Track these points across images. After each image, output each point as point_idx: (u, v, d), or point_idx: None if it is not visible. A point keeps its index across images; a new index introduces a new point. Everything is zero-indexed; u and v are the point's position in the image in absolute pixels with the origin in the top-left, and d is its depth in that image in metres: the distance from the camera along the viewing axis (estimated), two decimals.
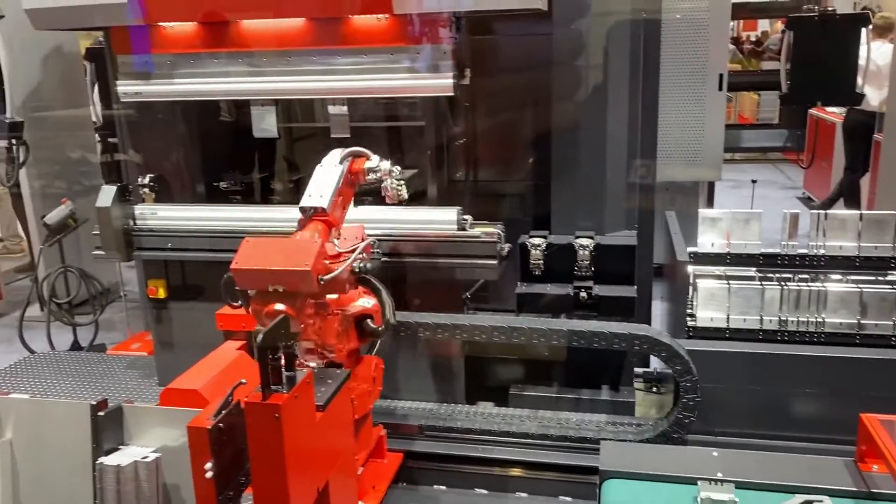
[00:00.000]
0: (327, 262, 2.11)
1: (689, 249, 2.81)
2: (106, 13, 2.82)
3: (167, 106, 3.22)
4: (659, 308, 3.46)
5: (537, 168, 3.18)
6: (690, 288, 2.69)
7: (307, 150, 3.66)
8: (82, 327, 4.50)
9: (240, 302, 2.27)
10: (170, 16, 2.87)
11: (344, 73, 2.85)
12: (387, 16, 2.73)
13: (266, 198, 3.55)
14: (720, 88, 3.90)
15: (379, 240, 2.89)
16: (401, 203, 2.55)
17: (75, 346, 4.43)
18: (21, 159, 3.85)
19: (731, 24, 8.32)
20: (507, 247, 2.84)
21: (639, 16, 2.94)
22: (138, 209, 3.13)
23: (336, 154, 2.42)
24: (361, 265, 2.18)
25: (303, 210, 2.29)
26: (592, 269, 2.85)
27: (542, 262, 2.88)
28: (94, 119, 5.00)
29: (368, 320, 2.27)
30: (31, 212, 5.16)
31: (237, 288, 2.17)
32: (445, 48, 2.75)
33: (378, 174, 2.46)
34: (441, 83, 2.78)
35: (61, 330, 4.49)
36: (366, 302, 2.28)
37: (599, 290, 2.83)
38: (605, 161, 2.98)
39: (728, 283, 2.60)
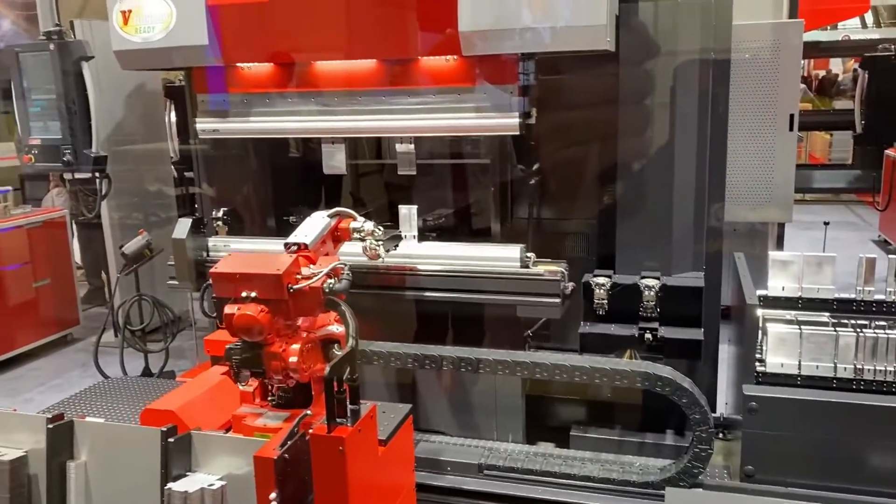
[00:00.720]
0: (299, 276, 2.16)
1: (759, 292, 2.74)
2: (187, 55, 2.97)
3: (240, 142, 3.35)
4: (726, 351, 3.37)
5: (602, 206, 3.16)
6: (760, 332, 2.62)
7: (372, 185, 3.74)
8: (153, 354, 4.64)
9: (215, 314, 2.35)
10: (246, 57, 3.00)
11: (412, 112, 2.92)
12: (455, 57, 2.79)
13: None
14: (791, 129, 3.83)
15: (442, 275, 2.93)
16: (379, 258, 2.75)
17: (146, 373, 4.57)
18: (103, 192, 4.02)
19: (802, 62, 8.17)
20: (570, 285, 2.83)
21: (708, 55, 2.93)
22: (211, 241, 3.24)
23: (326, 211, 2.63)
24: (331, 283, 2.21)
25: (286, 246, 2.37)
26: (658, 310, 2.81)
27: (606, 301, 2.85)
28: (171, 153, 5.21)
29: (335, 346, 2.27)
30: (109, 241, 5.39)
31: (214, 298, 2.24)
32: (512, 88, 2.79)
33: (361, 234, 2.65)
34: (507, 122, 2.81)
35: (133, 356, 4.63)
36: (335, 328, 2.30)
37: (665, 332, 2.79)
38: (671, 201, 2.95)
39: (800, 329, 2.52)
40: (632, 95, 2.93)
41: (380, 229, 2.71)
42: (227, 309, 2.12)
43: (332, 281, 2.20)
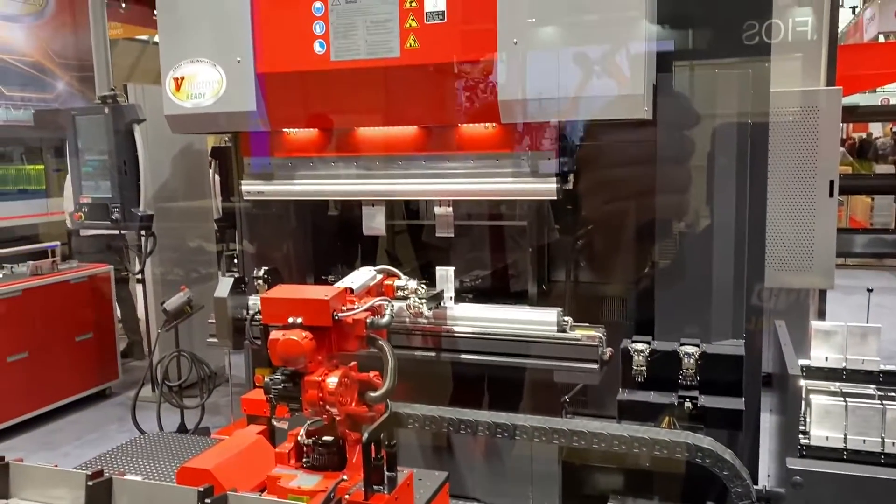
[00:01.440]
0: (344, 308, 2.23)
1: (802, 363, 2.69)
2: (235, 120, 3.07)
3: (282, 201, 3.43)
4: (768, 421, 3.29)
5: (640, 271, 3.15)
6: (803, 403, 2.56)
7: (409, 244, 3.78)
8: (189, 410, 4.67)
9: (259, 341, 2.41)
10: (291, 123, 3.09)
11: (450, 176, 2.98)
12: (493, 124, 2.85)
13: None
14: (831, 195, 3.80)
15: (478, 338, 2.93)
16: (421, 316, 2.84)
17: (182, 429, 4.60)
18: (148, 249, 4.13)
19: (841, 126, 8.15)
20: (608, 351, 2.81)
21: (746, 121, 2.95)
22: (252, 300, 3.29)
23: (372, 267, 2.72)
24: (374, 320, 2.24)
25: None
26: (698, 378, 2.76)
27: (644, 368, 2.81)
28: (214, 211, 5.36)
29: (370, 391, 2.28)
30: (151, 297, 5.50)
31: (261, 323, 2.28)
32: (549, 154, 2.84)
33: (405, 292, 2.75)
34: (545, 188, 2.85)
35: (169, 411, 4.67)
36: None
37: (705, 400, 2.73)
38: (711, 266, 2.93)
39: (845, 401, 2.46)
40: (670, 160, 2.95)
41: (422, 288, 2.77)
42: (273, 335, 2.16)
43: (376, 317, 2.24)
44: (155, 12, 3.16)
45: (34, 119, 10.76)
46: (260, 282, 3.38)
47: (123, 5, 16.40)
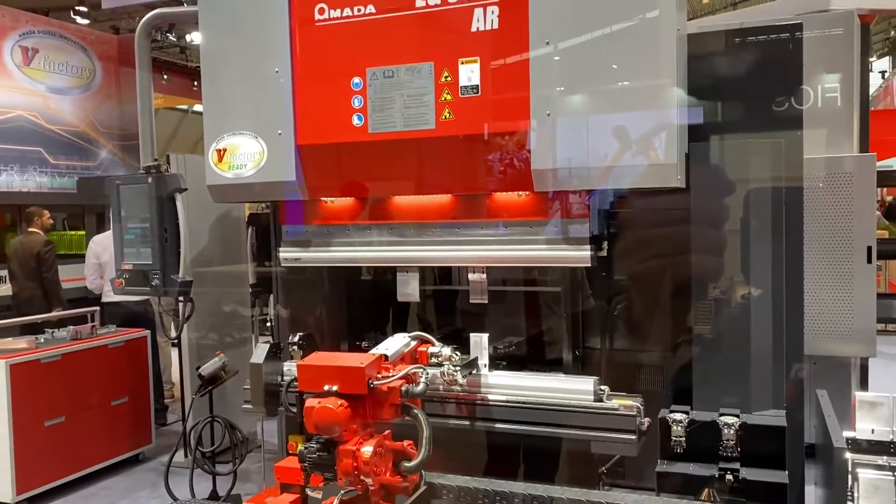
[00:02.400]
0: (379, 376, 2.25)
1: (846, 435, 2.62)
2: (274, 189, 3.16)
3: (316, 267, 3.48)
4: (812, 494, 3.18)
5: (677, 338, 3.12)
6: (850, 477, 2.48)
7: (442, 310, 3.79)
8: (222, 476, 4.65)
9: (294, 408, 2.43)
10: (329, 192, 3.17)
11: (484, 243, 3.01)
12: (527, 192, 2.89)
13: None
14: (869, 261, 3.76)
15: (513, 407, 2.91)
16: (455, 383, 2.83)
17: (213, 496, 4.58)
18: (186, 314, 4.19)
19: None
20: (646, 421, 2.76)
21: (780, 188, 2.95)
22: (287, 366, 3.31)
23: (406, 334, 2.76)
24: (409, 388, 2.23)
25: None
26: (739, 449, 2.70)
27: (683, 439, 2.76)
28: (249, 276, 5.43)
29: (405, 461, 2.25)
30: (186, 361, 5.55)
31: (296, 390, 2.39)
32: (583, 221, 2.86)
33: (439, 359, 2.77)
34: (578, 255, 2.86)
35: (201, 477, 4.66)
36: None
37: (747, 473, 2.66)
38: (749, 334, 2.90)
39: (894, 476, 2.38)
40: (704, 227, 2.95)
41: (457, 355, 2.78)
42: (308, 402, 2.17)
43: (410, 385, 2.25)
44: (195, 83, 3.29)
45: (77, 186, 11.14)
46: (295, 348, 3.40)
47: (165, 77, 17.07)
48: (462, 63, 2.79)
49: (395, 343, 2.62)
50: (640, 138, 2.65)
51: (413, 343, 2.70)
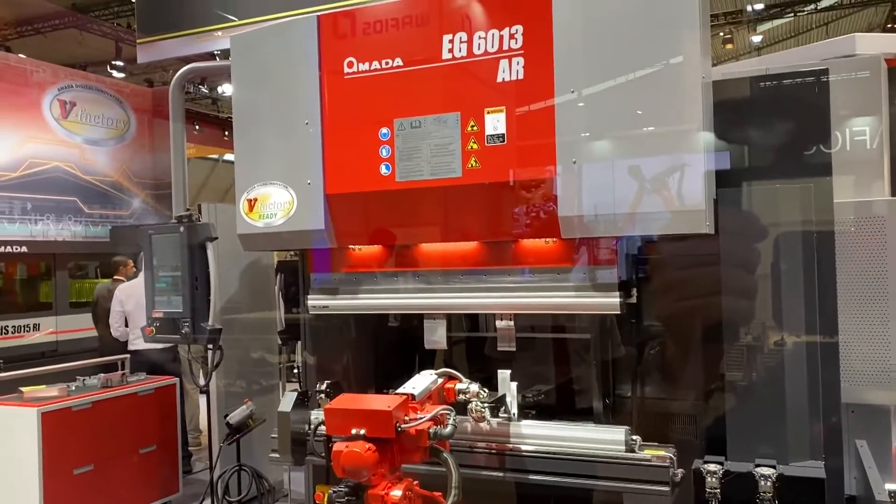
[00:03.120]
0: (407, 418, 2.23)
1: (888, 487, 2.54)
2: (304, 238, 3.20)
3: (344, 316, 3.49)
4: None
5: (709, 386, 3.06)
6: None
7: (470, 358, 3.77)
8: None
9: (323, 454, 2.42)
10: (357, 240, 3.20)
11: (512, 290, 3.00)
12: (554, 239, 2.89)
13: None
14: None
15: (542, 457, 2.86)
16: (483, 420, 2.78)
17: None
18: (215, 362, 4.22)
19: None
20: (679, 472, 2.70)
21: (810, 230, 2.92)
22: (314, 414, 3.30)
23: (433, 371, 2.76)
24: (437, 430, 2.20)
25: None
26: (776, 502, 2.62)
27: (718, 490, 2.69)
28: (278, 323, 5.46)
29: None
30: (214, 409, 5.56)
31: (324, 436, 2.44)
32: (611, 268, 2.84)
33: (466, 395, 2.76)
34: (607, 302, 2.84)
35: None
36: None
37: None
38: (783, 381, 2.84)
39: None
40: (735, 273, 2.92)
41: (485, 391, 2.76)
42: (336, 447, 2.16)
43: (438, 427, 2.22)
44: (225, 133, 3.37)
45: (110, 235, 11.37)
46: (322, 396, 3.39)
47: (197, 127, 17.47)
48: (488, 112, 2.83)
49: (422, 381, 2.60)
50: (668, 184, 2.65)
51: (440, 380, 2.67)
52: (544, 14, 2.75)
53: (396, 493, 2.12)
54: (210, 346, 4.15)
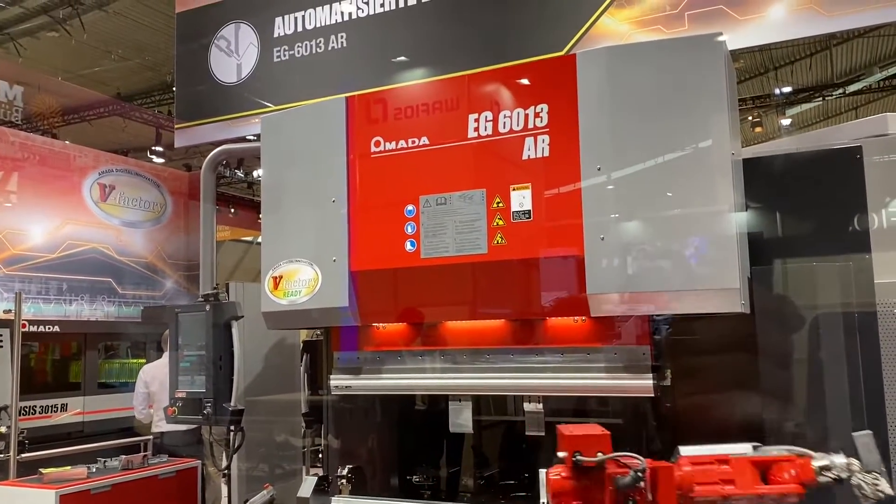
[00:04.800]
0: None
1: None
2: (328, 316, 3.15)
3: (368, 396, 3.40)
4: None
5: None
6: None
7: (496, 442, 3.63)
8: None
9: None
10: (381, 318, 3.14)
11: (541, 370, 2.90)
12: (583, 318, 2.81)
13: (456, 493, 3.49)
14: None
15: None
16: (880, 494, 2.16)
17: None
18: (236, 444, 4.12)
19: None
20: None
21: (851, 311, 2.81)
22: (334, 500, 3.18)
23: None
24: (619, 478, 2.10)
25: None
26: None
27: None
28: (302, 405, 5.36)
29: None
30: (235, 494, 5.41)
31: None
32: (644, 349, 2.75)
33: (837, 471, 2.20)
34: (640, 384, 2.73)
35: None
36: None
37: None
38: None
39: None
40: (772, 356, 2.81)
41: (852, 460, 2.27)
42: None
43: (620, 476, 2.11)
44: (259, 216, 3.39)
45: (141, 315, 11.46)
46: (343, 481, 3.28)
47: (233, 210, 17.84)
48: (514, 189, 2.81)
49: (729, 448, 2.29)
50: (700, 262, 2.58)
51: (772, 452, 2.25)
52: (570, 93, 2.76)
53: None
54: (232, 427, 4.06)
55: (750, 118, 15.63)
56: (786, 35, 5.21)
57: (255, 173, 15.48)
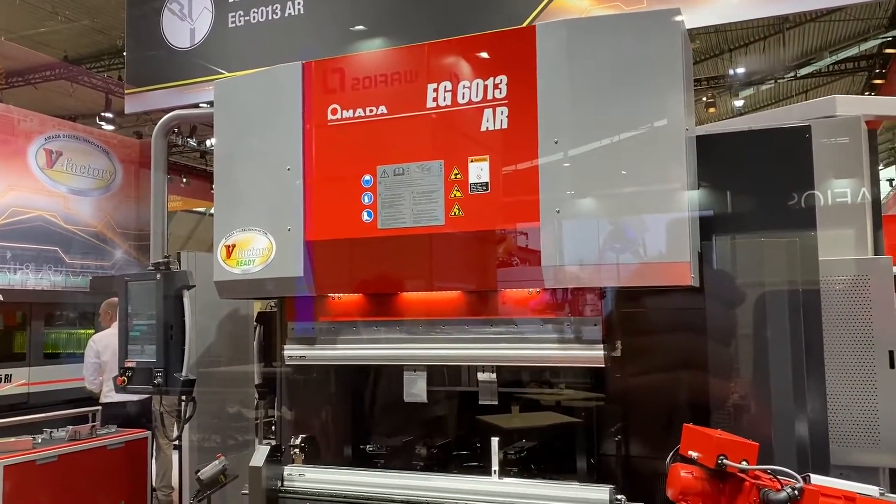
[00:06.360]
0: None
1: None
2: (282, 285, 3.13)
3: (322, 367, 3.39)
4: None
5: None
6: None
7: (450, 412, 3.67)
8: None
9: None
10: (337, 288, 3.13)
11: (495, 341, 2.93)
12: (538, 290, 2.83)
13: (409, 463, 3.51)
14: (892, 366, 3.63)
15: None
16: None
17: None
18: (187, 415, 4.08)
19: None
20: None
21: (796, 287, 2.89)
22: (287, 470, 3.18)
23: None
24: (768, 492, 2.08)
25: None
26: None
27: None
28: (255, 377, 5.32)
29: None
30: (186, 464, 5.36)
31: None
32: (595, 320, 2.79)
33: None
34: (591, 354, 2.78)
35: None
36: None
37: None
38: (771, 442, 2.76)
39: None
40: (719, 330, 2.88)
41: None
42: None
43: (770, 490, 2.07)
44: (212, 187, 3.32)
45: (90, 285, 11.22)
46: (296, 451, 3.28)
47: (185, 180, 17.48)
48: (472, 161, 2.81)
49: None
50: (652, 237, 2.62)
51: (888, 497, 2.25)
52: (529, 65, 2.76)
53: None
54: (183, 397, 4.02)
55: (704, 99, 15.87)
56: (741, 16, 5.29)
57: (208, 142, 15.18)
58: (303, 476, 3.13)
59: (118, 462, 5.56)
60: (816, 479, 2.25)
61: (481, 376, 3.00)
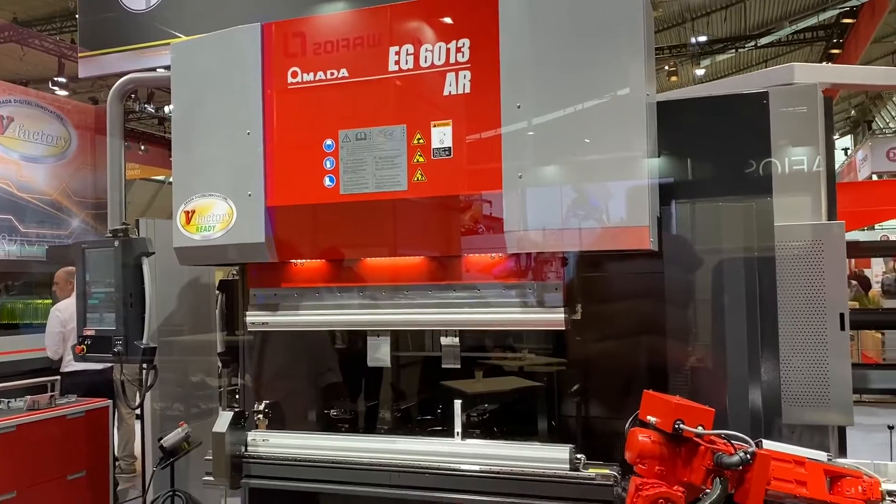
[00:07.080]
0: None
1: None
2: (243, 252, 3.10)
3: (285, 334, 3.38)
4: None
5: None
6: None
7: (414, 377, 3.69)
8: None
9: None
10: (299, 254, 3.11)
11: (457, 306, 2.95)
12: (500, 255, 2.86)
13: (374, 427, 3.54)
14: (842, 328, 3.74)
15: (485, 477, 2.79)
16: None
17: None
18: (149, 383, 4.05)
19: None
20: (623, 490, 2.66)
21: (752, 254, 2.96)
22: (251, 435, 3.18)
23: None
24: (722, 455, 2.15)
25: None
26: None
27: None
28: (217, 345, 5.29)
29: None
30: (148, 433, 5.33)
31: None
32: (556, 284, 2.83)
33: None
34: (552, 318, 2.82)
35: None
36: None
37: None
38: (725, 400, 2.85)
39: None
40: (677, 294, 2.94)
41: None
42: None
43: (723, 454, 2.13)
44: (171, 155, 3.26)
45: (47, 254, 10.97)
46: (260, 416, 3.28)
47: (143, 147, 17.11)
48: (434, 126, 2.80)
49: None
50: (612, 200, 2.65)
51: (836, 462, 2.29)
52: (491, 28, 2.74)
53: (650, 492, 2.07)
54: (144, 365, 3.98)
55: (666, 67, 15.96)
56: None
57: (166, 108, 14.84)
58: (266, 441, 3.14)
59: (79, 431, 5.50)
60: (768, 444, 2.33)
61: (444, 340, 3.03)
